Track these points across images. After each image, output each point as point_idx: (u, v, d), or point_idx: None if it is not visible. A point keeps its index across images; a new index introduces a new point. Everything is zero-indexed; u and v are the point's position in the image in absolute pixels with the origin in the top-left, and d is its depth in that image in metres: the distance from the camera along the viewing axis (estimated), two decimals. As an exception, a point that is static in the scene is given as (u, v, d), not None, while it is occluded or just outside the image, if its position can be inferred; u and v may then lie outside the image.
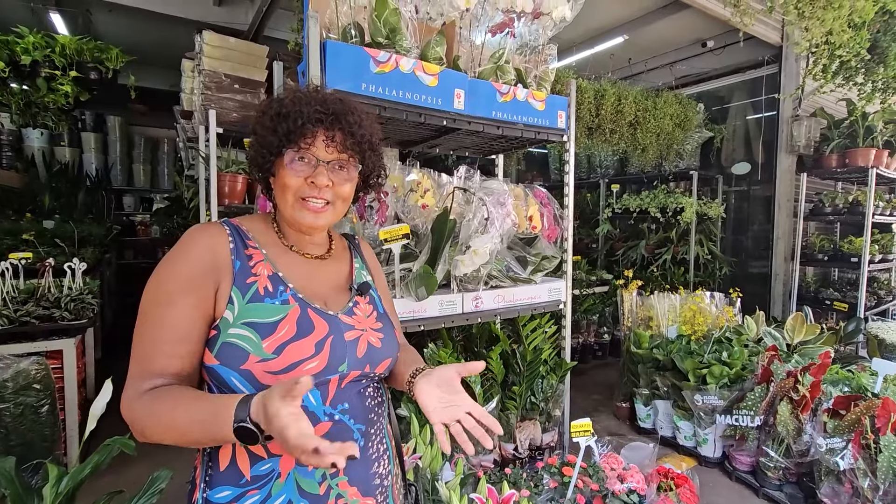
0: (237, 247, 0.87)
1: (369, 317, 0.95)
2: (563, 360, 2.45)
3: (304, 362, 0.81)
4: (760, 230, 4.87)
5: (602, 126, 4.16)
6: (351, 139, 0.89)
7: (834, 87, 3.67)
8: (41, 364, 2.31)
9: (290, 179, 0.87)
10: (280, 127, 0.86)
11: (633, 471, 2.02)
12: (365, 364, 0.89)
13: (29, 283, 2.77)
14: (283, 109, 0.87)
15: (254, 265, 0.86)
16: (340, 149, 0.89)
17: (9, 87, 3.64)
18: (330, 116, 0.87)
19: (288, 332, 0.81)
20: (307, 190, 0.87)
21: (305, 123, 0.85)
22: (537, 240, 2.17)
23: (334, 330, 0.87)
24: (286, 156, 0.87)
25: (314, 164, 0.87)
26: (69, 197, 4.79)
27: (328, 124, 0.87)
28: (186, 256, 0.84)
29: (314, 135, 0.86)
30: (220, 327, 0.81)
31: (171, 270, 0.83)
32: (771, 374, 2.48)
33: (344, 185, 0.91)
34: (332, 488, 0.83)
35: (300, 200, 0.88)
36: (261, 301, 0.83)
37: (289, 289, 0.86)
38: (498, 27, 1.99)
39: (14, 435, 2.19)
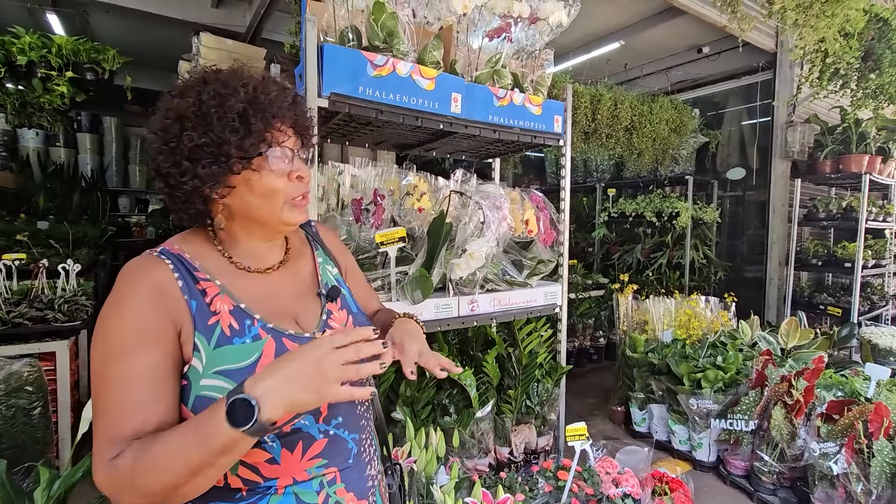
0: (186, 283, 0.76)
1: (346, 325, 0.91)
2: (559, 363, 2.46)
3: None
4: (755, 235, 4.90)
5: (598, 130, 4.18)
6: (305, 123, 0.84)
7: (827, 93, 3.71)
8: (34, 366, 2.29)
9: (276, 182, 0.78)
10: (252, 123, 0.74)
11: (628, 475, 2.02)
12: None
13: (22, 284, 2.75)
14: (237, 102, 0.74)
15: (211, 301, 0.76)
16: (297, 130, 0.83)
17: (4, 88, 3.62)
18: (290, 100, 0.81)
19: None
20: (293, 189, 0.80)
21: (276, 114, 0.77)
22: (533, 243, 2.17)
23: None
24: (270, 158, 0.77)
25: (291, 157, 0.80)
26: (64, 198, 4.76)
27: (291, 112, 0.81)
28: (136, 302, 0.71)
29: (280, 126, 0.79)
30: (190, 377, 0.72)
31: (120, 323, 0.70)
32: (765, 379, 2.49)
33: (307, 170, 0.84)
34: (331, 496, 0.82)
35: (289, 202, 0.80)
36: (229, 343, 0.74)
37: (256, 321, 0.78)
38: (495, 32, 2.00)
39: (5, 437, 2.17)
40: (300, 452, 0.78)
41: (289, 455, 0.77)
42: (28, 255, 3.05)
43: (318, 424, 0.81)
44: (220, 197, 0.78)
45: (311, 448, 0.79)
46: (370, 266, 1.80)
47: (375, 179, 2.00)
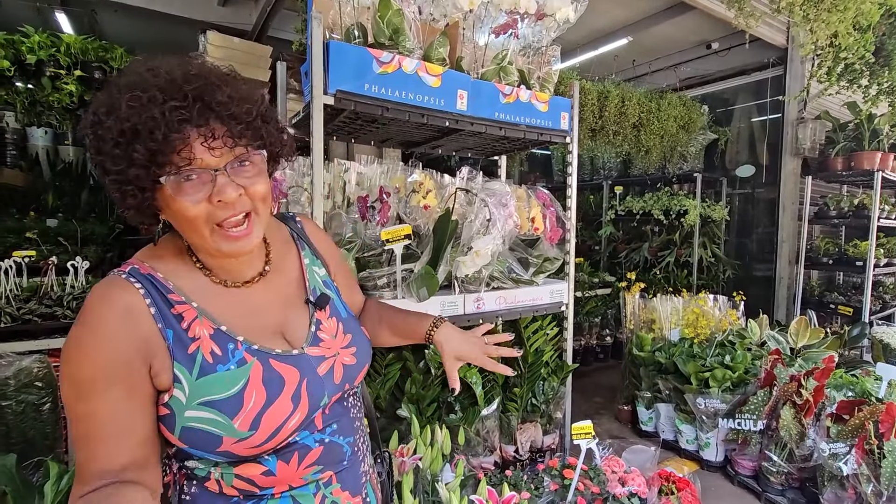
0: (159, 309, 0.69)
1: (336, 335, 0.85)
2: (565, 362, 2.44)
3: (286, 421, 0.73)
4: (764, 233, 4.85)
5: (605, 128, 4.15)
6: (235, 123, 0.68)
7: (839, 89, 3.65)
8: (43, 362, 2.32)
9: (190, 210, 0.66)
10: (135, 151, 0.62)
11: (634, 474, 2.01)
12: (344, 384, 0.85)
13: (32, 281, 2.78)
14: (125, 124, 0.63)
15: (188, 327, 0.70)
16: (230, 142, 0.68)
17: (14, 87, 3.66)
18: (196, 106, 0.64)
19: (257, 399, 0.70)
20: (219, 213, 0.68)
21: (168, 134, 0.62)
22: (539, 241, 2.16)
23: (306, 372, 0.77)
24: (168, 186, 0.65)
25: (209, 179, 0.66)
26: (73, 196, 4.80)
27: (197, 120, 0.65)
28: (100, 339, 0.66)
29: (186, 139, 0.64)
30: (173, 408, 0.68)
31: (88, 358, 0.65)
32: (774, 378, 2.46)
33: (256, 183, 0.71)
34: (327, 497, 0.82)
35: (216, 229, 0.69)
36: (213, 371, 0.69)
37: (240, 344, 0.73)
38: (501, 28, 1.98)
39: (15, 432, 2.20)
40: (296, 462, 0.77)
41: (285, 466, 0.76)
42: (38, 252, 3.08)
43: (314, 435, 0.79)
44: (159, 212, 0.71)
45: (307, 457, 0.79)
46: (376, 264, 1.80)
47: (381, 177, 2.00)
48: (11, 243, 3.36)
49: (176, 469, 0.78)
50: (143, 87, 0.63)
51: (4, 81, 3.51)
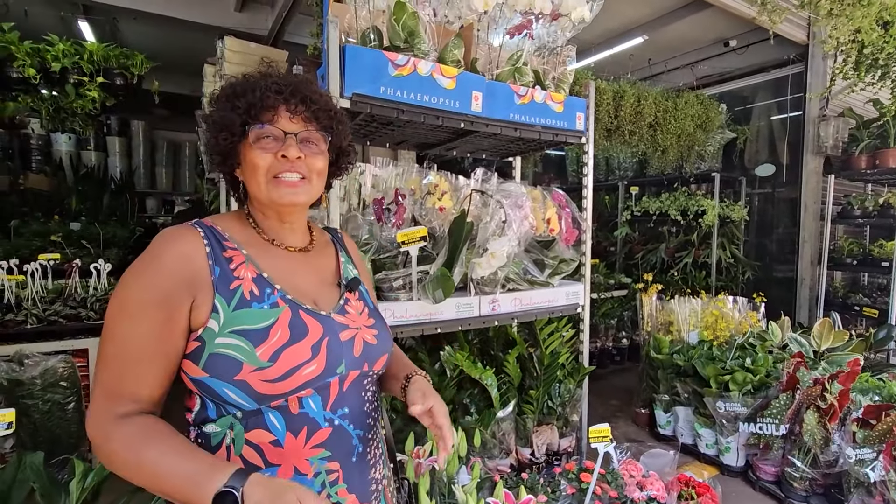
0: (214, 251, 0.80)
1: (361, 314, 0.92)
2: (581, 364, 2.42)
3: (302, 367, 0.78)
4: (785, 233, 4.75)
5: (621, 127, 4.11)
6: (314, 107, 0.85)
7: (864, 85, 3.56)
8: (68, 362, 2.38)
9: (259, 158, 0.82)
10: (239, 103, 0.82)
11: (652, 478, 1.98)
12: (363, 363, 0.87)
13: (57, 283, 2.85)
14: (238, 87, 0.84)
15: (235, 268, 0.80)
16: (306, 119, 0.85)
17: (39, 94, 3.76)
18: (289, 87, 0.84)
19: (281, 337, 0.77)
20: (279, 165, 0.82)
21: (265, 94, 0.82)
22: (555, 243, 2.15)
23: (329, 331, 0.83)
24: (251, 134, 0.82)
25: (282, 139, 0.82)
26: (95, 199, 4.92)
27: (288, 95, 0.83)
28: (158, 267, 0.76)
29: (276, 107, 0.82)
30: (205, 338, 0.76)
31: (141, 282, 0.75)
32: (797, 382, 2.41)
33: (316, 158, 0.86)
34: (332, 496, 0.82)
35: (273, 179, 0.83)
36: (248, 306, 0.78)
37: (276, 290, 0.81)
38: (516, 29, 1.98)
39: (42, 430, 2.26)
40: (304, 438, 0.79)
41: (293, 439, 0.78)
42: (62, 255, 3.16)
43: (325, 412, 0.82)
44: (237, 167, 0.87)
45: (315, 436, 0.80)
46: (391, 265, 1.80)
47: (396, 179, 2.00)
48: (37, 246, 3.46)
49: (194, 437, 0.82)
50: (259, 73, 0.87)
51: (30, 88, 3.61)
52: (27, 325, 2.48)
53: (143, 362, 0.74)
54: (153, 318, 0.74)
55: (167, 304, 0.74)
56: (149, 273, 0.76)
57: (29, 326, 2.48)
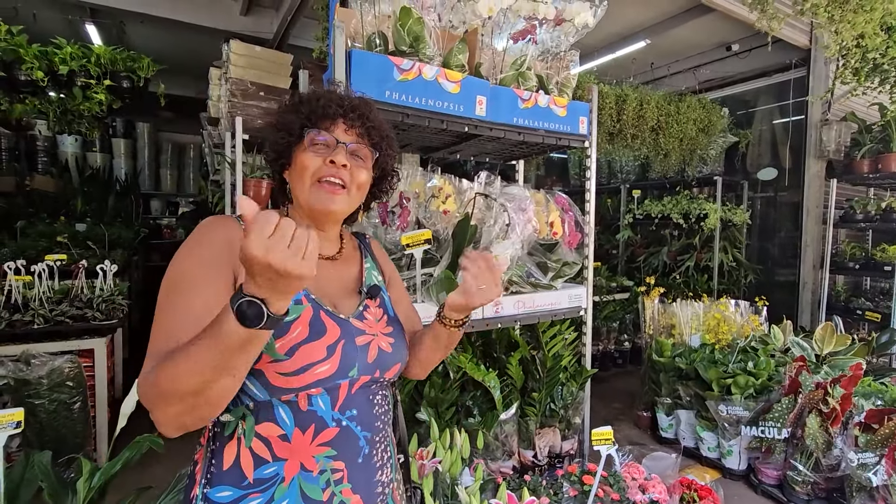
0: None
1: (380, 321, 0.95)
2: (584, 367, 2.43)
3: (316, 365, 0.81)
4: (787, 237, 4.75)
5: (623, 131, 4.12)
6: (369, 124, 0.92)
7: (865, 90, 3.56)
8: (74, 362, 2.40)
9: (309, 160, 0.87)
10: (303, 108, 0.90)
11: (654, 481, 1.98)
12: (375, 369, 0.89)
13: (63, 283, 2.87)
14: (304, 97, 0.93)
15: None
16: (359, 134, 0.91)
17: (47, 96, 3.79)
18: (350, 103, 0.91)
19: (300, 333, 0.80)
20: (325, 169, 0.87)
21: (328, 105, 0.89)
22: (558, 246, 2.16)
23: (345, 334, 0.86)
24: (307, 137, 0.88)
25: (333, 146, 0.89)
26: (100, 201, 4.95)
27: (348, 109, 0.90)
28: (208, 243, 0.82)
29: (335, 118, 0.89)
30: None
31: (193, 256, 0.80)
32: (799, 386, 2.41)
33: (360, 171, 0.91)
34: (336, 495, 0.83)
35: (317, 183, 0.87)
36: None
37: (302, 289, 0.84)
38: (520, 34, 1.99)
39: (48, 430, 2.27)
40: (311, 435, 0.82)
41: (300, 436, 0.81)
42: (68, 256, 3.18)
43: (333, 412, 0.84)
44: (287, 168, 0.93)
45: (322, 434, 0.82)
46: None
47: (401, 182, 2.02)
48: (43, 247, 3.48)
49: (210, 426, 0.84)
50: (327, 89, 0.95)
51: (38, 91, 3.65)
52: (34, 325, 2.50)
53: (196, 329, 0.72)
54: (208, 289, 0.77)
55: (220, 276, 0.79)
56: (201, 249, 0.81)
57: (36, 327, 2.50)
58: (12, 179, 4.91)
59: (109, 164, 6.24)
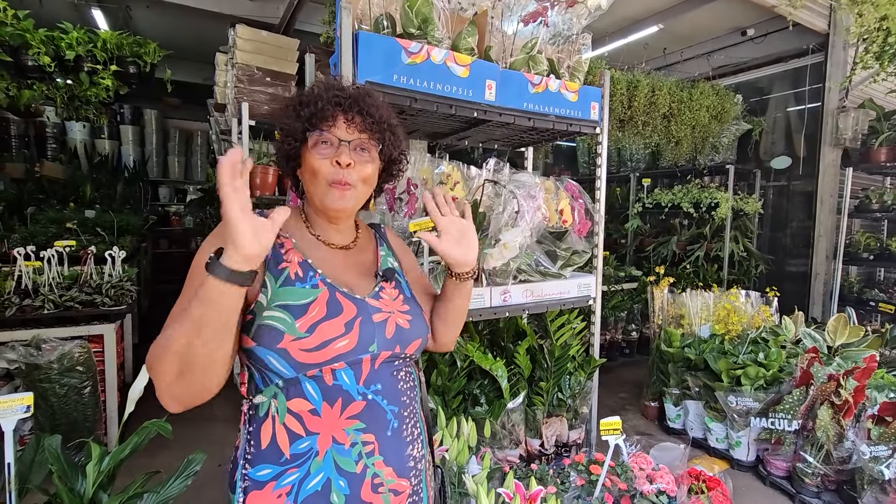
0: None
1: (396, 300, 0.98)
2: (592, 356, 2.41)
3: (336, 340, 0.84)
4: (800, 227, 4.68)
5: (634, 118, 4.05)
6: (369, 119, 0.93)
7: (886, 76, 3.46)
8: (84, 347, 2.42)
9: (317, 163, 0.90)
10: (303, 112, 0.92)
11: (662, 472, 1.97)
12: (395, 344, 0.92)
13: (72, 269, 2.89)
14: (303, 98, 0.94)
15: (285, 252, 0.90)
16: (360, 129, 0.92)
17: (54, 82, 3.78)
18: (348, 99, 0.92)
19: (319, 312, 0.85)
20: (333, 174, 0.90)
21: (325, 106, 0.90)
22: (567, 234, 2.13)
23: (362, 312, 0.90)
24: (310, 139, 0.91)
25: (336, 145, 0.91)
26: (109, 187, 4.97)
27: (347, 106, 0.91)
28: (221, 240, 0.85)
29: (334, 117, 0.91)
30: (256, 311, 0.84)
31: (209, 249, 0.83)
32: (810, 377, 2.38)
33: (366, 166, 0.94)
34: (369, 467, 0.86)
35: (328, 185, 0.91)
36: (292, 285, 0.86)
37: (318, 274, 0.90)
38: (531, 16, 1.94)
39: (59, 414, 2.30)
40: (339, 409, 0.86)
41: (329, 409, 0.85)
42: (77, 242, 3.20)
43: (358, 386, 0.87)
44: (298, 168, 0.97)
45: (349, 407, 0.86)
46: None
47: (408, 169, 1.99)
48: (53, 233, 3.50)
49: (246, 409, 0.90)
50: (324, 83, 0.96)
51: (45, 77, 3.63)
52: (44, 310, 2.51)
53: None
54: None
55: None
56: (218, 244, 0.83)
57: (46, 312, 2.52)
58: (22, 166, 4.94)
59: (117, 150, 6.26)
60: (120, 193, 4.98)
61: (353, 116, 0.92)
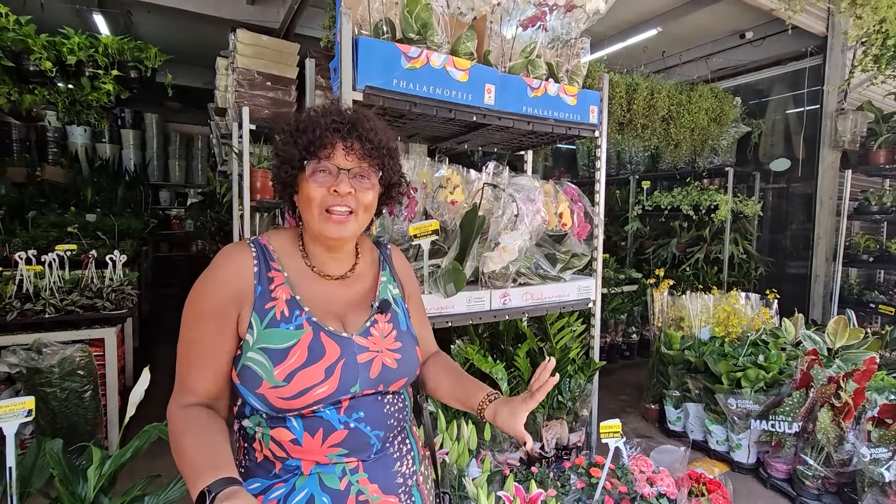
0: (260, 270, 0.89)
1: (387, 336, 0.94)
2: (592, 359, 2.42)
3: (315, 387, 0.83)
4: (800, 229, 4.68)
5: (634, 121, 4.06)
6: (369, 145, 0.91)
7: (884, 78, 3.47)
8: (85, 351, 2.42)
9: (313, 191, 0.88)
10: (300, 140, 0.89)
11: (663, 474, 1.97)
12: (378, 384, 0.90)
13: (73, 273, 2.90)
14: (301, 125, 0.90)
15: (274, 289, 0.88)
16: (360, 156, 0.90)
17: (55, 86, 3.80)
18: (346, 125, 0.89)
19: (298, 358, 0.83)
20: (330, 200, 0.88)
21: (324, 133, 0.87)
22: (567, 237, 2.14)
23: (346, 353, 0.87)
24: (308, 168, 0.88)
25: (335, 174, 0.88)
26: (110, 191, 4.99)
27: (345, 133, 0.88)
28: (214, 282, 0.88)
29: (333, 145, 0.88)
30: (243, 349, 0.85)
31: (201, 294, 0.87)
32: (810, 380, 2.38)
33: (366, 193, 0.91)
34: (353, 484, 0.85)
35: (324, 213, 0.88)
36: (276, 326, 0.85)
37: (304, 312, 0.88)
38: (530, 21, 1.96)
39: (60, 418, 2.30)
40: (320, 438, 0.84)
41: (310, 439, 0.84)
42: (78, 245, 3.21)
43: (339, 416, 0.86)
44: (295, 194, 0.94)
45: (330, 437, 0.85)
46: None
47: (408, 172, 2.00)
48: (54, 237, 3.51)
49: (237, 428, 0.92)
50: (322, 109, 0.93)
51: (46, 81, 3.65)
52: (45, 314, 2.52)
53: (199, 360, 0.85)
54: (208, 325, 0.85)
55: (219, 313, 0.85)
56: (209, 287, 0.88)
57: (47, 316, 2.52)
58: (23, 170, 4.96)
59: (118, 154, 6.28)
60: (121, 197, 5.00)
61: (351, 143, 0.89)
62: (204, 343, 0.85)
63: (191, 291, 0.88)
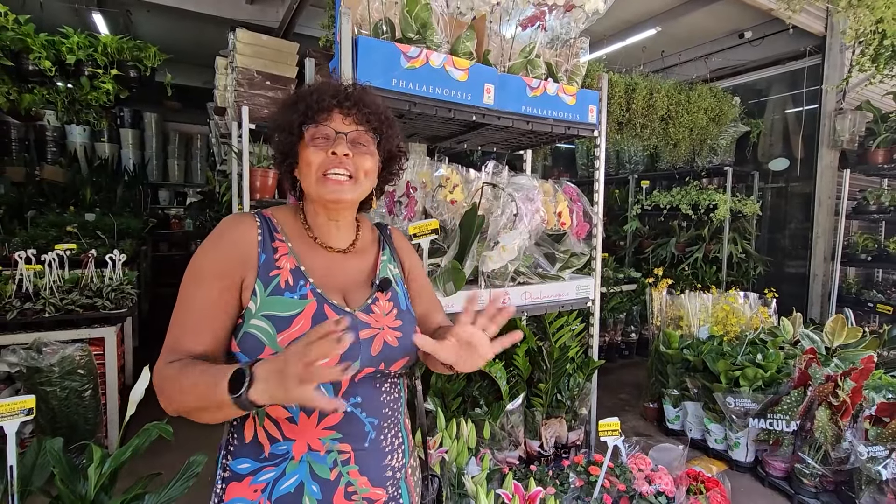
0: (265, 239, 0.90)
1: (388, 314, 0.94)
2: (591, 358, 2.42)
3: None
4: (798, 228, 4.69)
5: (633, 121, 4.07)
6: (366, 110, 0.92)
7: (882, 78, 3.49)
8: (84, 350, 2.42)
9: (311, 155, 0.89)
10: (299, 106, 0.91)
11: (661, 472, 1.98)
12: (379, 362, 0.89)
13: (73, 273, 2.90)
14: (299, 95, 0.93)
15: (278, 258, 0.89)
16: (357, 121, 0.91)
17: (55, 86, 3.80)
18: (343, 92, 0.92)
19: (302, 328, 0.83)
20: (328, 162, 0.89)
21: (321, 98, 0.90)
22: (566, 236, 2.14)
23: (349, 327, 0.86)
24: (307, 133, 0.90)
25: (333, 137, 0.89)
26: (109, 191, 4.98)
27: (342, 98, 0.91)
28: (218, 245, 0.88)
29: (330, 109, 0.90)
30: (245, 316, 0.84)
31: (204, 257, 0.87)
32: (809, 378, 2.39)
33: (364, 157, 0.92)
34: (343, 475, 0.86)
35: (322, 176, 0.89)
36: (281, 294, 0.85)
37: (308, 283, 0.88)
38: (529, 20, 1.96)
39: (60, 417, 2.31)
40: (316, 418, 0.85)
41: (305, 419, 0.84)
42: (78, 245, 3.21)
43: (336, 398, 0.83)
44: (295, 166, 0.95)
45: (326, 418, 0.85)
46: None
47: (408, 171, 2.00)
48: (53, 237, 3.51)
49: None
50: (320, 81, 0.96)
51: (46, 81, 3.65)
52: (45, 313, 2.52)
53: (197, 324, 0.83)
54: (210, 288, 0.84)
55: (222, 278, 0.85)
56: (212, 249, 0.88)
57: (47, 315, 2.52)
58: (22, 170, 4.96)
59: (117, 154, 6.27)
60: (120, 197, 4.99)
61: (349, 109, 0.90)
62: (204, 305, 0.84)
63: (195, 253, 0.88)
